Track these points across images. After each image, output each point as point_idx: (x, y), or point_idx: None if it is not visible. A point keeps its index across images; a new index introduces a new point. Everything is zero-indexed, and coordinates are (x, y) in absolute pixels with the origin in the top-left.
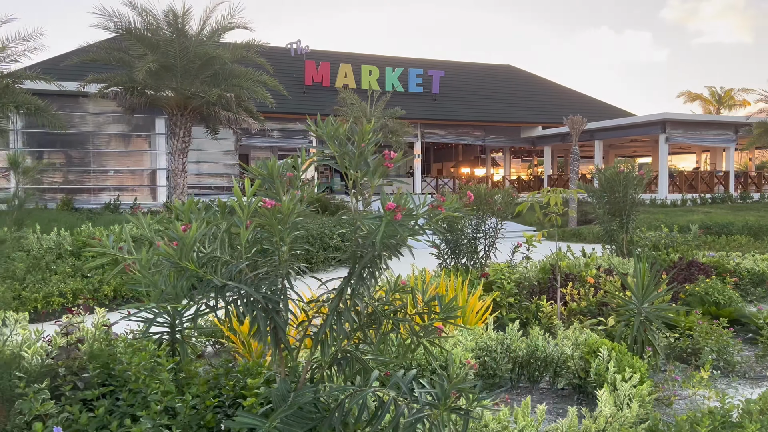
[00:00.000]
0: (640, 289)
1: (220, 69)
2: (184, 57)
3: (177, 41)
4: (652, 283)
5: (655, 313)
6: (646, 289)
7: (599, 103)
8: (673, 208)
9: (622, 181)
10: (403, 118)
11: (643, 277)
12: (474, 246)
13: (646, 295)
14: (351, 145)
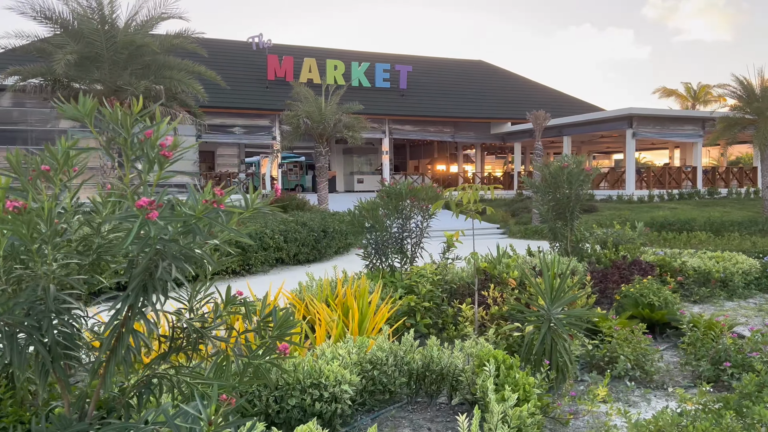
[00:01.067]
0: (548, 292)
1: (152, 60)
2: (112, 47)
3: (103, 30)
4: (563, 285)
5: (566, 320)
6: (557, 292)
7: (571, 99)
8: (640, 204)
9: (566, 177)
10: (369, 114)
11: (552, 279)
12: (400, 246)
13: (557, 299)
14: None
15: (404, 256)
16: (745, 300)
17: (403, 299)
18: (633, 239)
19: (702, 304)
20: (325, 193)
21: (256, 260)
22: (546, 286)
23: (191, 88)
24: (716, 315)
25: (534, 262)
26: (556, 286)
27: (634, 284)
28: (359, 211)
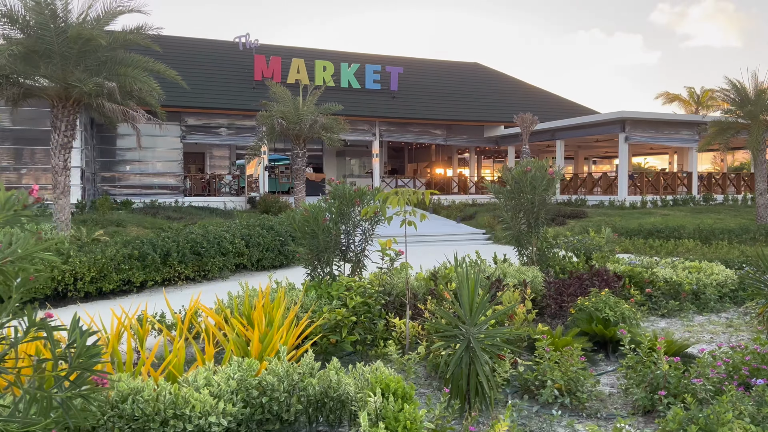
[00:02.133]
0: (467, 308)
1: (109, 57)
2: (63, 42)
3: (52, 22)
4: (484, 300)
5: (487, 339)
6: (478, 307)
7: (568, 103)
8: (632, 210)
9: (529, 182)
10: (359, 116)
11: (471, 292)
12: (344, 253)
13: (476, 315)
14: None
15: (354, 264)
16: (717, 314)
17: (332, 313)
18: (600, 247)
19: (670, 318)
20: (302, 195)
21: (213, 266)
22: (464, 301)
23: (146, 86)
24: (675, 332)
25: (490, 271)
26: (476, 300)
27: (590, 297)
28: (299, 215)
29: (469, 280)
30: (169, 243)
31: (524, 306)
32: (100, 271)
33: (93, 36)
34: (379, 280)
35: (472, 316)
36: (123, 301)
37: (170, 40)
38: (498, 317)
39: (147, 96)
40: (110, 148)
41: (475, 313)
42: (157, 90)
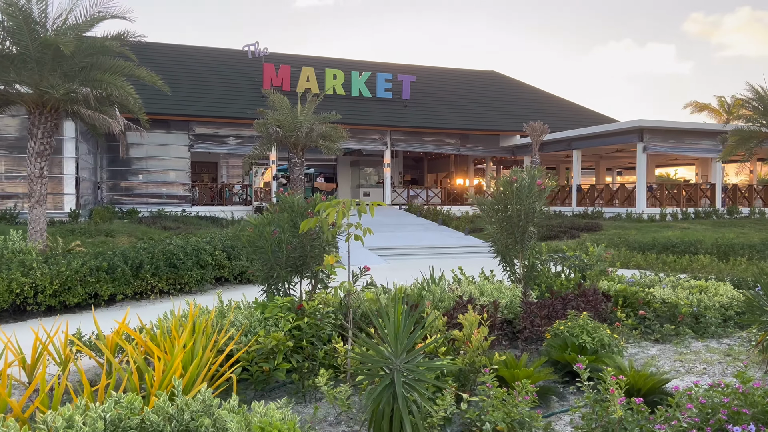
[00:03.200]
0: (392, 336)
1: (89, 62)
2: (37, 47)
3: (26, 27)
4: (413, 326)
5: (416, 374)
6: (409, 336)
7: (589, 112)
8: (650, 223)
9: (515, 193)
10: (370, 125)
11: (398, 318)
12: (299, 270)
13: (403, 343)
14: None
15: (313, 281)
16: (718, 340)
17: (267, 337)
18: (590, 265)
19: (663, 344)
20: None
21: (191, 279)
22: (389, 328)
23: (121, 91)
24: (665, 361)
25: (467, 289)
26: (406, 328)
27: (565, 321)
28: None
29: (396, 303)
30: (143, 255)
31: (480, 331)
32: (63, 284)
33: (64, 42)
34: (338, 300)
35: (400, 344)
36: (86, 315)
37: (178, 49)
38: (433, 345)
39: (127, 102)
40: (118, 157)
41: (402, 341)
42: (132, 95)
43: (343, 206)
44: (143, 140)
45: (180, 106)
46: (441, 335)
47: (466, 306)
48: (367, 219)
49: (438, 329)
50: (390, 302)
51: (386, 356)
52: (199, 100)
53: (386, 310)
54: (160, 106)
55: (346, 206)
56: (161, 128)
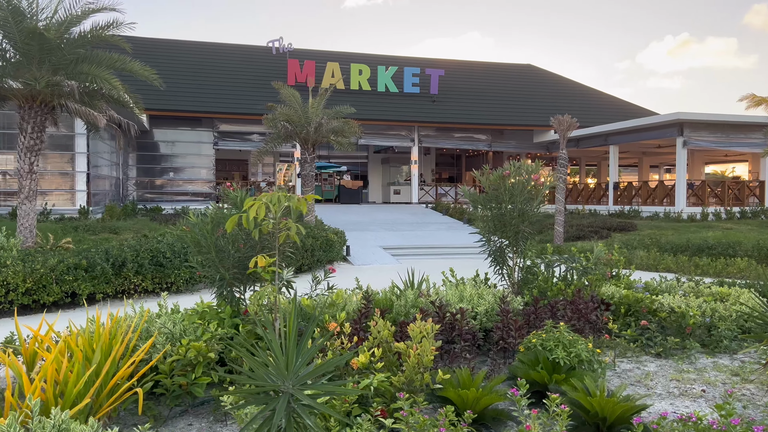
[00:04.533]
0: (279, 355)
1: (79, 55)
2: (24, 38)
3: (13, 19)
4: (305, 342)
5: (310, 398)
6: (296, 354)
7: (631, 107)
8: (690, 223)
9: (507, 190)
10: (396, 121)
11: (290, 333)
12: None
13: (294, 362)
14: None
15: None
16: (730, 356)
17: (191, 346)
18: (589, 269)
19: (666, 359)
20: (311, 203)
21: (178, 278)
22: (274, 343)
23: (107, 84)
24: (660, 380)
25: (446, 294)
26: (293, 346)
27: (539, 333)
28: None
29: (290, 320)
30: (126, 252)
31: (421, 345)
32: (37, 282)
33: (47, 30)
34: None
35: (289, 364)
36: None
37: (202, 47)
38: (335, 366)
39: (119, 96)
40: (145, 154)
41: (294, 362)
42: (117, 88)
43: (269, 201)
44: (167, 137)
45: (204, 103)
46: (382, 348)
47: (438, 313)
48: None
49: (382, 341)
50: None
51: (277, 377)
52: (223, 98)
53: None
54: (185, 103)
55: (274, 201)
56: (186, 126)
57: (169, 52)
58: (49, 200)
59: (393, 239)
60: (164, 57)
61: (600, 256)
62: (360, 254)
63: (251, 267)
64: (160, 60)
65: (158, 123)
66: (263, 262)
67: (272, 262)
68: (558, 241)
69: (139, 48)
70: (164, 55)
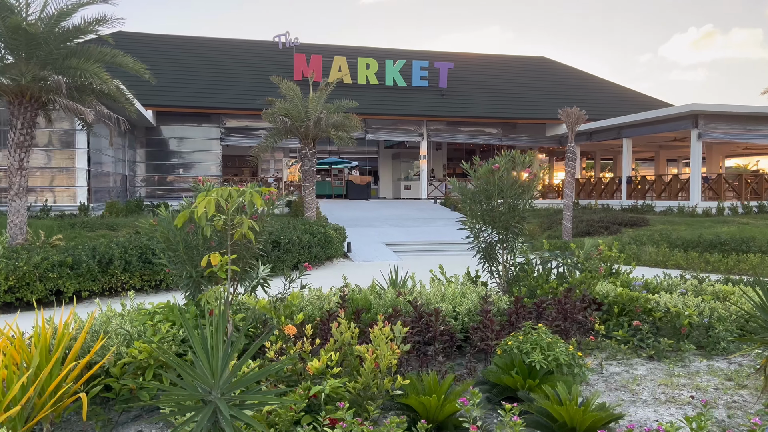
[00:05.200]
0: (203, 361)
1: (73, 49)
2: (10, 32)
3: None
4: (231, 349)
5: (240, 407)
6: (224, 361)
7: (648, 100)
8: (704, 217)
9: (496, 184)
10: (404, 116)
11: (215, 337)
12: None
13: (216, 366)
14: None
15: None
16: (727, 358)
17: (142, 348)
18: (579, 265)
19: (659, 361)
20: (311, 199)
21: (167, 276)
22: (198, 348)
23: (98, 78)
24: (646, 385)
25: (427, 292)
26: (221, 350)
27: (515, 335)
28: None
29: (217, 321)
30: (114, 249)
31: (377, 350)
32: (20, 280)
33: (30, 24)
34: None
35: (215, 370)
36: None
37: (208, 42)
38: (267, 374)
39: (111, 91)
40: (154, 151)
41: (216, 366)
42: (107, 82)
43: (219, 196)
44: (174, 134)
45: (210, 99)
46: (342, 352)
47: (415, 313)
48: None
49: (344, 344)
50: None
51: (204, 384)
52: (229, 93)
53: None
54: (191, 99)
55: (225, 196)
56: (193, 122)
57: (175, 48)
58: (50, 197)
59: (397, 235)
60: (170, 53)
61: (590, 251)
62: (361, 251)
63: (202, 264)
64: (166, 56)
65: (165, 119)
66: (216, 260)
67: (229, 260)
68: (566, 237)
69: (144, 44)
70: (170, 51)
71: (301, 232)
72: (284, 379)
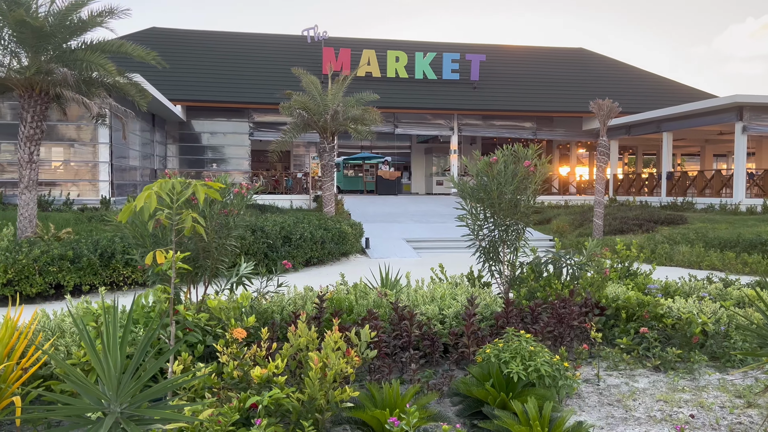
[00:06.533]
0: (105, 370)
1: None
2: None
3: (7, 7)
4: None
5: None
6: (145, 368)
7: (692, 91)
8: (748, 216)
9: (494, 179)
10: (435, 109)
11: (108, 345)
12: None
13: (116, 378)
14: None
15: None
16: (743, 372)
17: None
18: (582, 265)
19: (664, 373)
20: (331, 194)
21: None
22: (101, 360)
23: (101, 70)
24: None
25: (414, 294)
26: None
27: (495, 343)
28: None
29: (115, 321)
30: (117, 244)
31: (323, 356)
32: (19, 273)
33: (33, 17)
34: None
35: (119, 384)
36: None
37: (236, 37)
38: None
39: (126, 85)
40: (183, 145)
41: (114, 378)
42: (112, 73)
43: (160, 189)
44: (204, 128)
45: (239, 93)
46: (291, 359)
47: (396, 316)
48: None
49: (300, 349)
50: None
51: (100, 398)
52: (258, 88)
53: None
54: (220, 94)
55: (167, 188)
56: (222, 116)
57: (205, 43)
58: (74, 190)
59: (420, 231)
60: (200, 48)
61: (594, 251)
62: (380, 247)
63: (147, 262)
64: (196, 51)
65: (195, 114)
66: (162, 258)
67: (173, 258)
68: (597, 235)
69: (175, 39)
70: (200, 46)
71: (315, 227)
72: (232, 387)
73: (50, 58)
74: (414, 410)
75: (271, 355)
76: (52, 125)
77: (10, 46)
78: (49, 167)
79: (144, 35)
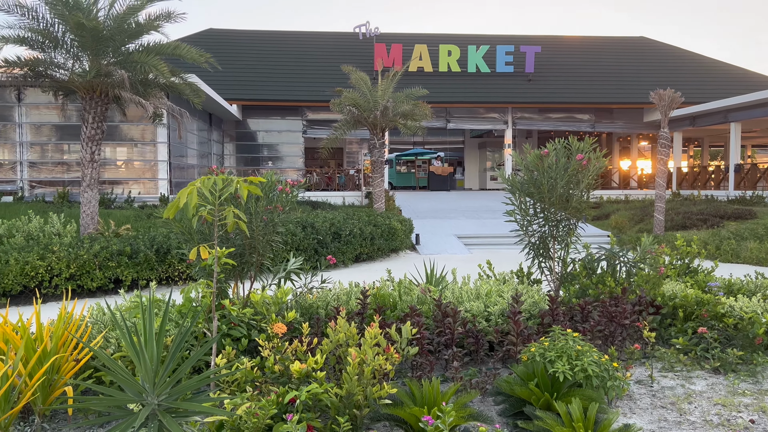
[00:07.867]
0: (143, 363)
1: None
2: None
3: (68, 13)
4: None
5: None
6: (166, 363)
7: (761, 78)
8: None
9: (545, 172)
10: (488, 103)
11: (145, 338)
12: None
13: (154, 370)
14: None
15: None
16: None
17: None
18: (636, 263)
19: (723, 375)
20: (380, 190)
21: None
22: (138, 352)
23: (155, 71)
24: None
25: (460, 291)
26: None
27: (544, 340)
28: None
29: (150, 315)
30: (172, 240)
31: (362, 352)
32: (81, 268)
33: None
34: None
35: (157, 375)
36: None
37: (289, 35)
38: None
39: (181, 86)
40: (241, 144)
41: (151, 370)
42: (165, 74)
43: (202, 185)
44: (259, 127)
45: (292, 91)
46: (330, 354)
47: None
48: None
49: (339, 344)
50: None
51: (139, 390)
52: (310, 85)
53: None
54: (274, 92)
55: (208, 185)
56: (276, 115)
57: (259, 43)
58: (136, 188)
59: (471, 228)
60: (255, 47)
61: (648, 247)
62: (430, 243)
63: (191, 257)
64: (251, 50)
65: (250, 113)
66: (206, 253)
67: (216, 254)
68: (658, 231)
69: (232, 39)
70: (255, 45)
71: (364, 223)
72: (273, 381)
73: (109, 62)
74: (450, 409)
75: (312, 350)
76: (114, 126)
77: (72, 50)
78: (112, 166)
79: (201, 36)
